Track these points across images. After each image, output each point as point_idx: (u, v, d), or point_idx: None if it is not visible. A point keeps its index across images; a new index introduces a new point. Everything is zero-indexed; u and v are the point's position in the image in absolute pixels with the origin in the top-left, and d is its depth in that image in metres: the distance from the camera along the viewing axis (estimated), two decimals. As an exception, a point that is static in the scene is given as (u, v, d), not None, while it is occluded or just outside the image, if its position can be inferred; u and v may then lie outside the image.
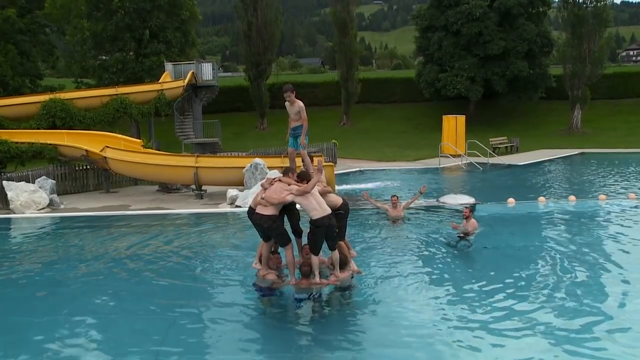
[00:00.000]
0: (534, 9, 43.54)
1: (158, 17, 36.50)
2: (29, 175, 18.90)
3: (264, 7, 42.93)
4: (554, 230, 12.96)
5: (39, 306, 8.61)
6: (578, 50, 40.33)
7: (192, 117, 31.61)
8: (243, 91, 47.09)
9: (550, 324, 7.27)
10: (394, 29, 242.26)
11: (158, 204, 17.52)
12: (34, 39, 38.76)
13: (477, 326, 7.28)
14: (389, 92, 51.55)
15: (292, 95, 8.90)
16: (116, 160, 19.19)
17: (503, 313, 7.70)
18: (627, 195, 16.66)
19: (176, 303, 8.43)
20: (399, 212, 13.91)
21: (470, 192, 17.69)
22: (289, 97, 8.87)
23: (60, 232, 14.33)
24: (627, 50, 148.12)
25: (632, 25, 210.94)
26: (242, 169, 17.61)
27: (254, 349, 6.97)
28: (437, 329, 7.25)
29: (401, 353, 6.63)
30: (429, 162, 28.18)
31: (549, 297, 8.30)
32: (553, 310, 7.78)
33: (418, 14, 46.68)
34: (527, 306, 7.93)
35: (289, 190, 8.14)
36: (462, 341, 6.86)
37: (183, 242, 12.56)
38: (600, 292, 8.57)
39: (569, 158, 29.45)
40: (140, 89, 27.80)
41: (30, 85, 37.89)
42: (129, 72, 36.42)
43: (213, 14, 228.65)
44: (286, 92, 8.90)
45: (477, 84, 42.17)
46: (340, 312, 8.11)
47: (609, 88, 45.96)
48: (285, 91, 8.92)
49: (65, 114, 23.38)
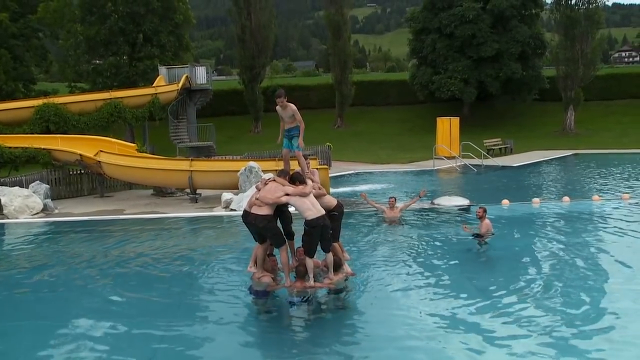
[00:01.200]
0: (527, 11, 43.79)
1: (152, 21, 36.48)
2: (23, 180, 18.83)
3: (258, 11, 43.00)
4: (548, 231, 12.99)
5: (31, 310, 8.57)
6: (571, 52, 40.56)
7: (186, 121, 31.57)
8: (237, 95, 47.10)
9: (543, 324, 7.28)
10: (388, 32, 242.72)
11: (153, 208, 17.48)
12: (27, 43, 38.70)
13: (473, 327, 7.29)
14: (383, 95, 51.68)
15: (285, 100, 8.92)
16: (110, 164, 19.13)
17: (499, 314, 7.71)
18: (620, 195, 16.75)
19: (170, 306, 8.42)
20: (396, 213, 13.93)
21: (464, 194, 17.74)
22: (281, 102, 8.89)
23: (54, 237, 14.26)
24: (619, 51, 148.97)
25: (624, 26, 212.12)
26: (236, 172, 17.59)
27: (249, 352, 6.96)
28: (432, 331, 7.25)
29: (396, 355, 6.63)
30: (423, 164, 28.24)
31: (543, 297, 8.33)
32: (546, 310, 7.80)
33: (412, 17, 46.85)
34: (522, 306, 7.94)
35: (284, 191, 8.14)
36: (458, 342, 6.87)
37: (177, 246, 12.53)
38: (595, 291, 8.60)
39: (562, 159, 29.57)
40: (134, 93, 27.77)
41: (24, 89, 37.83)
42: (122, 76, 36.36)
43: (207, 17, 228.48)
44: (279, 97, 8.91)
45: (470, 86, 42.32)
46: (335, 315, 8.11)
47: (601, 89, 46.21)
48: (278, 96, 8.93)
49: (59, 118, 23.34)
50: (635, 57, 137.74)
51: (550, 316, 7.59)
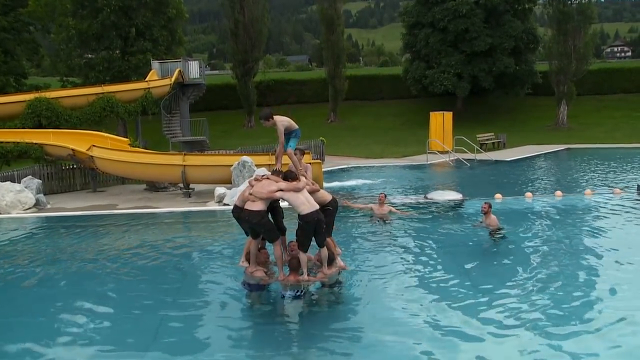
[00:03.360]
0: (520, 6, 43.84)
1: (144, 15, 36.29)
2: (15, 175, 18.74)
3: (251, 5, 42.82)
4: (541, 225, 13.06)
5: (23, 306, 8.54)
6: (563, 47, 40.69)
7: (179, 115, 31.49)
8: (230, 89, 46.98)
9: (533, 318, 7.34)
10: (381, 26, 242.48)
11: (145, 203, 17.44)
12: (18, 37, 38.35)
13: (464, 321, 7.33)
14: (377, 89, 51.69)
15: (268, 121, 8.72)
16: (103, 159, 19.06)
17: (492, 308, 7.75)
18: (612, 190, 16.86)
19: (164, 302, 8.41)
20: (385, 210, 13.90)
21: (457, 188, 17.80)
22: (264, 124, 8.75)
23: (47, 232, 14.21)
24: (612, 46, 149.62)
25: (616, 21, 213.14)
26: (229, 167, 17.59)
27: (242, 346, 6.97)
28: (424, 324, 7.29)
29: (389, 348, 6.66)
30: (416, 158, 28.30)
31: (535, 291, 8.38)
32: (538, 303, 7.85)
33: (405, 11, 46.81)
34: (514, 301, 7.99)
35: (277, 187, 8.15)
36: (450, 336, 6.90)
37: (171, 240, 12.51)
38: (586, 285, 8.67)
39: (555, 154, 29.71)
40: (126, 87, 27.63)
41: (15, 84, 37.51)
42: (115, 71, 36.18)
43: (200, 11, 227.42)
44: (261, 119, 8.77)
45: (464, 81, 42.38)
46: (328, 309, 8.12)
47: (594, 84, 46.41)
48: (260, 118, 8.78)
49: (51, 113, 23.19)
50: (627, 52, 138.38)
51: (541, 309, 7.63)
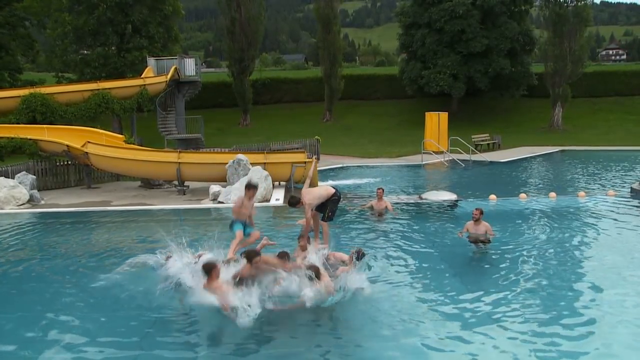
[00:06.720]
0: (517, 8, 44.03)
1: (140, 12, 36.21)
2: (9, 171, 18.66)
3: (247, 3, 42.80)
4: (535, 226, 13.10)
5: (14, 302, 8.51)
6: (559, 49, 40.89)
7: (174, 112, 31.42)
8: (226, 87, 46.90)
9: (529, 319, 7.36)
10: (378, 26, 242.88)
11: (140, 200, 17.39)
12: (13, 32, 38.17)
13: (457, 317, 7.35)
14: (372, 89, 51.74)
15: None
16: (98, 155, 19.00)
17: (486, 307, 7.77)
18: (605, 192, 16.95)
19: (157, 300, 8.39)
20: (383, 205, 13.97)
21: (452, 189, 17.84)
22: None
23: (41, 228, 14.15)
24: (607, 49, 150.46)
25: (611, 24, 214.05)
26: (224, 164, 17.57)
27: (234, 343, 6.97)
28: (419, 323, 7.30)
29: (388, 347, 6.67)
30: (411, 158, 28.35)
31: (528, 291, 8.41)
32: (530, 304, 7.88)
33: (401, 11, 46.89)
34: (507, 301, 8.02)
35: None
36: (447, 336, 6.91)
37: (165, 238, 12.45)
38: (579, 285, 8.70)
39: (549, 155, 29.83)
40: (122, 84, 27.57)
41: (10, 79, 37.35)
42: (110, 67, 36.10)
43: (196, 9, 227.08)
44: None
45: (459, 81, 42.49)
46: (327, 307, 8.12)
47: (588, 86, 46.65)
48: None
49: (46, 108, 23.12)
50: (622, 55, 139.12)
51: (534, 310, 7.66)
